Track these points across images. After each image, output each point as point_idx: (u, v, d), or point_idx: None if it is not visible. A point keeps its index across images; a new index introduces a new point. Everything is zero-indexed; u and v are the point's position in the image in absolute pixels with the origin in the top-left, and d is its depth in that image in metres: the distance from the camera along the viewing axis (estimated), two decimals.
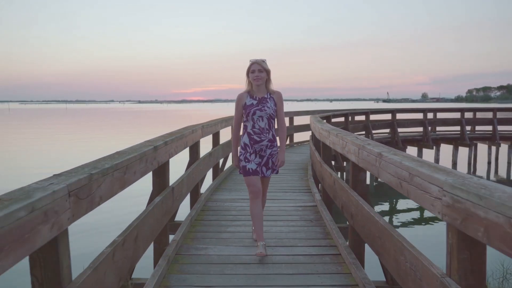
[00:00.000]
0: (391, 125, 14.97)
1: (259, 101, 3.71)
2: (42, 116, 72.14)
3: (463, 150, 16.90)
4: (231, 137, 4.02)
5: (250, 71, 3.67)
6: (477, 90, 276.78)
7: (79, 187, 1.84)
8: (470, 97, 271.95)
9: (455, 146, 16.66)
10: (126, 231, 2.52)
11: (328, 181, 4.86)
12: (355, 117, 15.24)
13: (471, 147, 16.57)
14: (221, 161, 7.85)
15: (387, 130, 15.48)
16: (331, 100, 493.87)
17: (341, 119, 13.36)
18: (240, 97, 3.77)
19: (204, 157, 5.91)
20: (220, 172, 7.71)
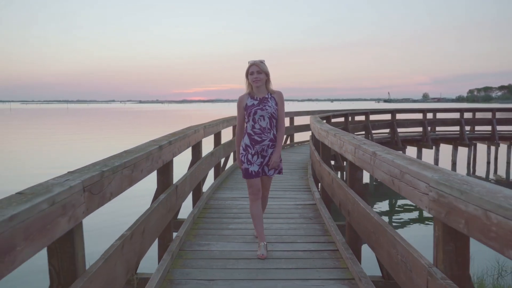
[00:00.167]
0: (390, 125, 15.06)
1: (260, 101, 3.71)
2: (44, 116, 72.27)
3: (463, 150, 17.01)
4: (235, 139, 4.03)
5: (249, 73, 3.67)
6: (478, 90, 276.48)
7: (92, 183, 1.98)
8: (471, 97, 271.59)
9: (454, 146, 16.76)
10: (133, 225, 2.66)
11: (326, 180, 5.00)
12: (355, 117, 15.34)
13: (470, 147, 16.67)
14: (222, 160, 7.98)
15: (387, 130, 15.56)
16: (332, 100, 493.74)
17: (341, 119, 13.47)
18: (241, 99, 3.79)
19: (206, 156, 6.04)
20: (222, 171, 7.84)
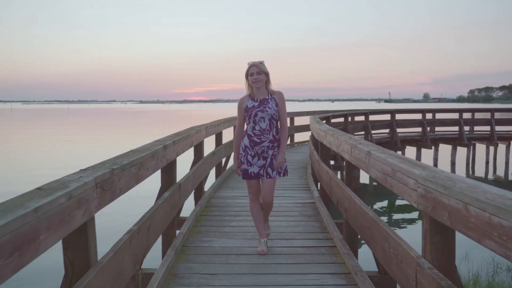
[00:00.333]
0: (390, 126, 15.18)
1: (260, 102, 3.72)
2: (45, 116, 72.37)
3: (462, 150, 17.13)
4: (234, 140, 4.01)
5: (249, 74, 3.67)
6: (479, 90, 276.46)
7: (103, 180, 2.13)
8: (472, 97, 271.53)
9: (453, 146, 16.88)
10: (140, 221, 2.81)
11: (325, 179, 5.14)
12: (355, 118, 15.47)
13: (469, 147, 16.78)
14: (223, 160, 8.13)
15: (386, 130, 15.69)
16: (333, 100, 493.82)
17: (340, 119, 13.60)
18: (241, 101, 3.80)
19: (208, 156, 6.18)
20: (223, 171, 7.98)
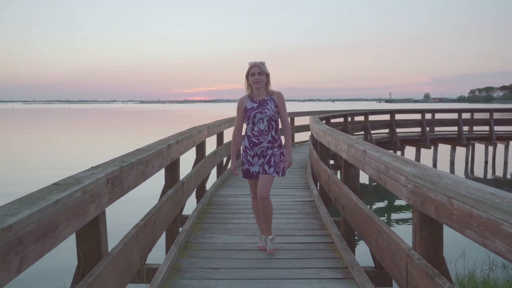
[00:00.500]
0: (389, 126, 15.30)
1: (259, 103, 3.73)
2: (47, 116, 72.48)
3: (461, 150, 17.24)
4: (232, 140, 4.04)
5: (250, 74, 3.67)
6: (480, 90, 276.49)
7: (114, 177, 2.27)
8: (473, 97, 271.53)
9: (452, 146, 16.99)
10: (146, 216, 2.95)
11: (324, 177, 5.28)
12: (355, 118, 15.60)
13: (468, 147, 16.90)
14: (224, 159, 8.26)
15: (386, 131, 15.81)
16: (333, 100, 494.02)
17: (340, 119, 13.74)
18: (241, 101, 3.82)
19: (210, 155, 6.32)
20: (224, 170, 8.12)
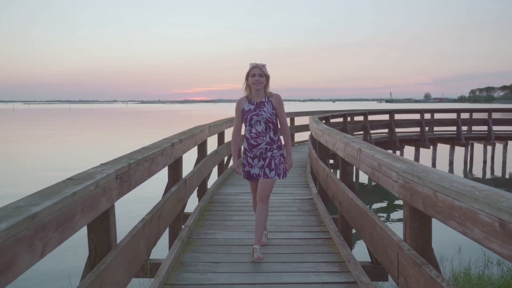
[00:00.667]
0: (388, 125, 15.44)
1: (256, 105, 3.72)
2: (48, 116, 72.60)
3: (460, 149, 17.37)
4: (231, 140, 4.03)
5: (250, 75, 3.66)
6: (480, 90, 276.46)
7: (122, 173, 2.41)
8: (473, 97, 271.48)
9: (451, 146, 17.13)
10: (152, 211, 3.10)
11: (322, 175, 5.43)
12: (354, 118, 15.73)
13: (467, 147, 17.03)
14: (225, 158, 8.41)
15: (385, 130, 15.93)
16: (334, 100, 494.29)
17: (339, 119, 13.88)
18: (239, 102, 3.82)
19: (211, 154, 6.47)
20: (225, 169, 8.26)
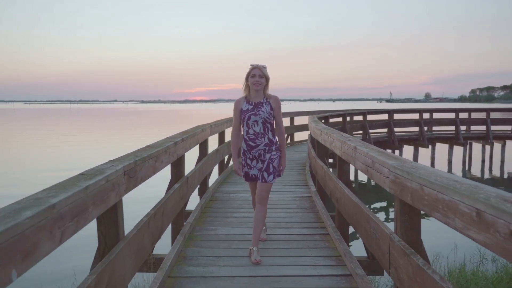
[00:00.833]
0: (387, 125, 15.57)
1: (254, 106, 3.71)
2: (49, 116, 72.65)
3: (458, 149, 17.51)
4: (231, 141, 3.99)
5: (251, 75, 3.65)
6: (481, 90, 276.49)
7: (129, 169, 2.55)
8: (474, 97, 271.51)
9: (450, 145, 17.26)
10: (156, 206, 3.24)
11: (320, 173, 5.57)
12: (353, 117, 15.86)
13: (465, 146, 17.16)
14: (226, 157, 8.55)
15: (384, 130, 16.06)
16: (334, 100, 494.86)
17: (339, 119, 14.02)
18: (237, 102, 3.80)
19: (212, 153, 6.61)
20: (225, 168, 8.41)
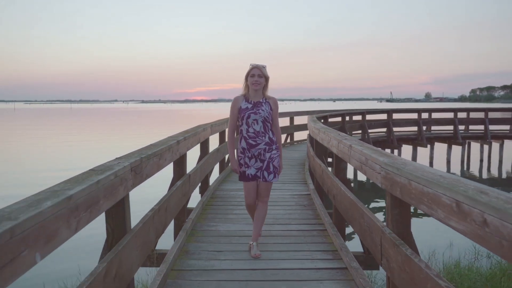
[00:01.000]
0: (386, 125, 15.71)
1: (254, 105, 3.71)
2: (49, 116, 72.77)
3: (457, 148, 17.64)
4: (227, 139, 3.89)
5: (250, 75, 3.66)
6: (481, 89, 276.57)
7: (136, 165, 2.70)
8: (474, 96, 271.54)
9: (448, 145, 17.40)
10: (160, 202, 3.40)
11: (318, 171, 5.72)
12: (353, 117, 16.00)
13: (464, 146, 17.30)
14: (226, 156, 8.69)
15: (383, 130, 16.19)
16: (335, 100, 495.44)
17: (338, 119, 14.15)
18: (235, 100, 3.78)
19: (213, 152, 6.76)
20: (226, 166, 8.55)
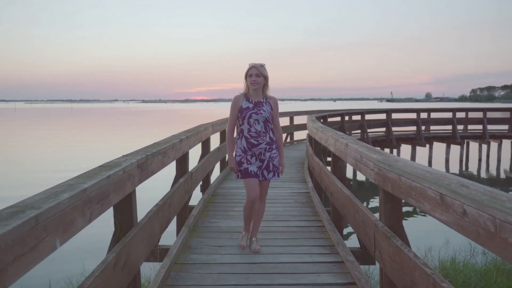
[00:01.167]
0: (385, 124, 15.85)
1: (255, 104, 3.73)
2: (50, 116, 72.96)
3: (455, 148, 17.78)
4: (226, 138, 3.88)
5: (248, 75, 3.68)
6: (481, 89, 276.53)
7: (142, 162, 2.85)
8: (474, 96, 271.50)
9: (447, 144, 17.54)
10: (163, 198, 3.54)
11: (317, 170, 5.87)
12: (352, 117, 16.14)
13: (462, 145, 17.44)
14: (227, 155, 8.84)
15: (382, 129, 16.33)
16: (335, 100, 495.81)
17: (337, 118, 14.30)
18: (236, 99, 3.78)
19: (214, 151, 6.91)
20: (227, 165, 8.69)
